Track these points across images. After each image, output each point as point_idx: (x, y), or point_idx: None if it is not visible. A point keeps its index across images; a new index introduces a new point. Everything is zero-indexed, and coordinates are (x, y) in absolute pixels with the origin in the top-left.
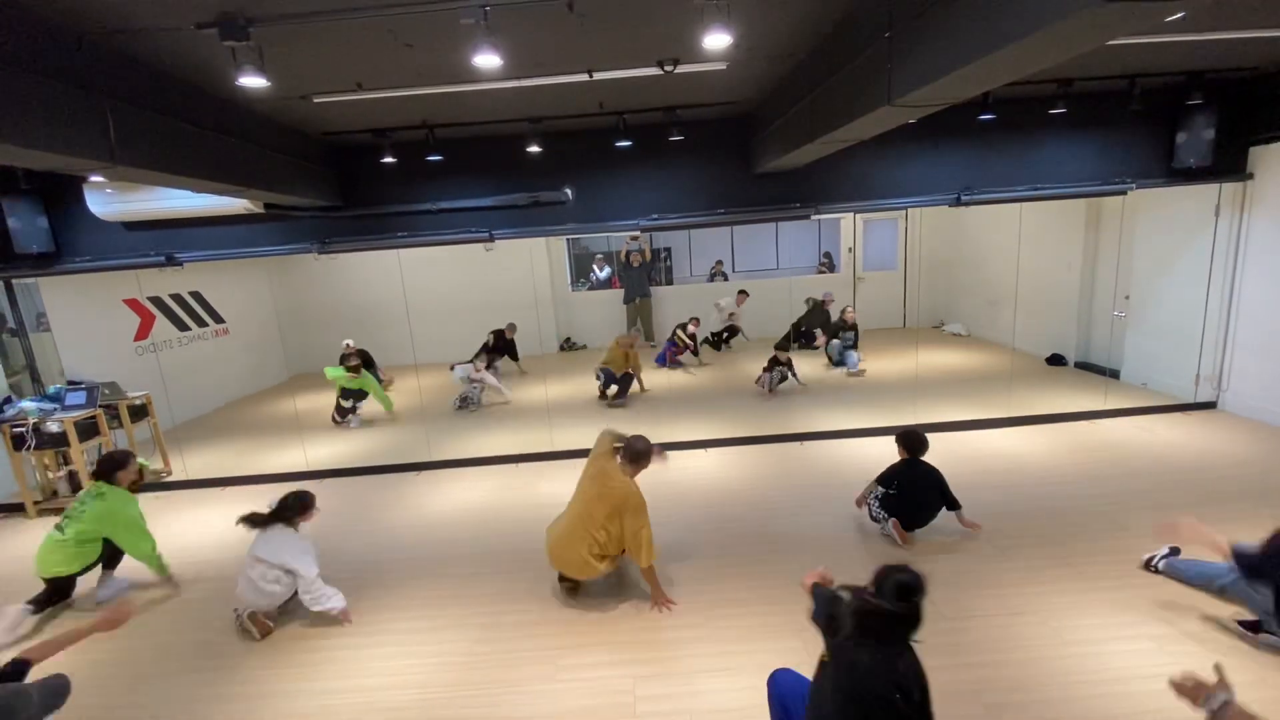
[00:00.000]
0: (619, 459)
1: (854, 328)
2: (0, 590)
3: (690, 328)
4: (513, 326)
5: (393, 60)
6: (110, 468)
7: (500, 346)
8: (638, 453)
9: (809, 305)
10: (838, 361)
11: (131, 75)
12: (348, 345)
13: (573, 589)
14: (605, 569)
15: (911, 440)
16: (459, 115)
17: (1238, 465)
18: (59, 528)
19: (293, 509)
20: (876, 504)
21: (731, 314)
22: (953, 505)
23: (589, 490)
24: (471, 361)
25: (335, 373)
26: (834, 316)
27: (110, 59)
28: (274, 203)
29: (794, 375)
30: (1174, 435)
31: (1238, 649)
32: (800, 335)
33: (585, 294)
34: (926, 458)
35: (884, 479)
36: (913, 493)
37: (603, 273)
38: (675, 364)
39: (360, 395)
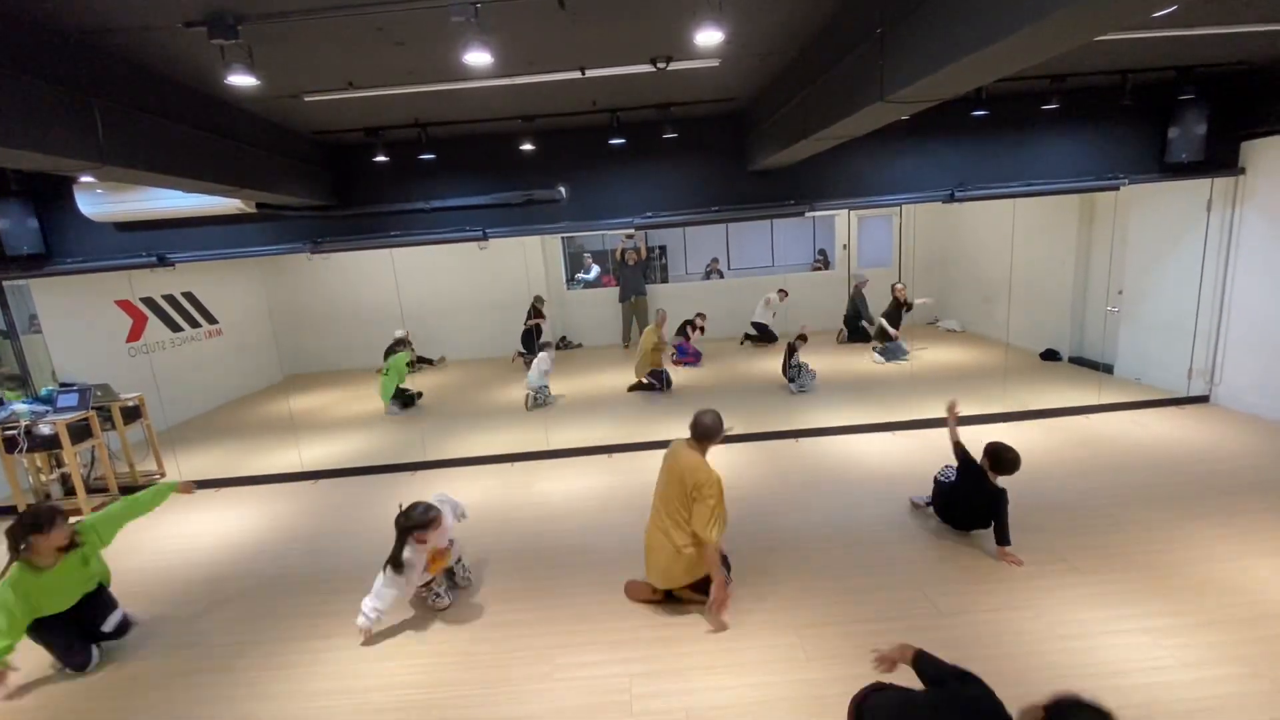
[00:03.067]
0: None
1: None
2: None
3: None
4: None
5: (384, 58)
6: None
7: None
8: (705, 429)
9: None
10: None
11: (120, 74)
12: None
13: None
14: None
15: (1001, 460)
16: (451, 114)
17: (1230, 459)
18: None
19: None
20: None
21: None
22: (1001, 539)
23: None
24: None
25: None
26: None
27: (98, 58)
28: (266, 202)
29: (799, 370)
30: (1167, 430)
31: (1238, 641)
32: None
33: (581, 292)
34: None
35: (961, 465)
36: (968, 496)
37: (591, 273)
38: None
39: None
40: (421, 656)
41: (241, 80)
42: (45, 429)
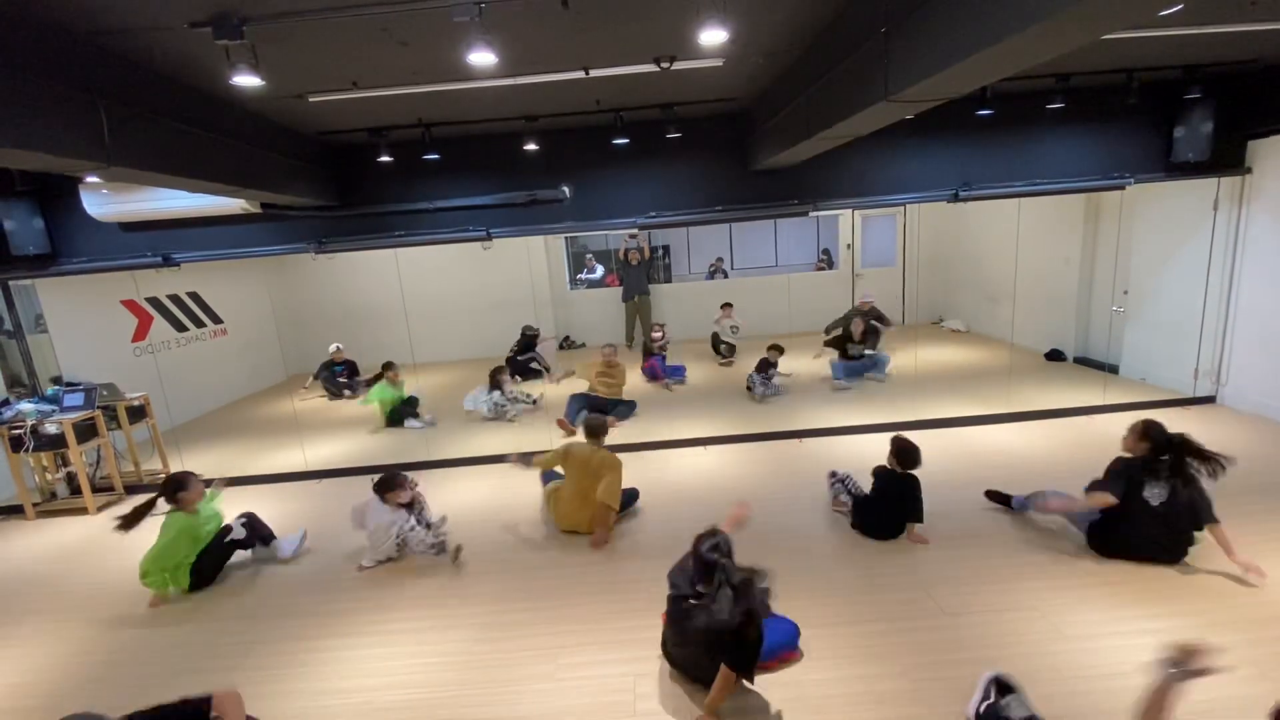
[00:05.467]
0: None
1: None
2: (0, 594)
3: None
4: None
5: (388, 58)
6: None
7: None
8: (595, 428)
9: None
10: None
11: (125, 75)
12: (338, 350)
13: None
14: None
15: (905, 455)
16: (455, 113)
17: (1237, 460)
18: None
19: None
20: (846, 497)
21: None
22: (915, 517)
23: (582, 476)
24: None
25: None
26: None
27: (104, 59)
28: (270, 202)
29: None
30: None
31: (1244, 643)
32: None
33: (584, 292)
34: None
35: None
36: (884, 505)
37: (596, 273)
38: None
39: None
40: (423, 656)
41: (246, 81)
42: (51, 428)
